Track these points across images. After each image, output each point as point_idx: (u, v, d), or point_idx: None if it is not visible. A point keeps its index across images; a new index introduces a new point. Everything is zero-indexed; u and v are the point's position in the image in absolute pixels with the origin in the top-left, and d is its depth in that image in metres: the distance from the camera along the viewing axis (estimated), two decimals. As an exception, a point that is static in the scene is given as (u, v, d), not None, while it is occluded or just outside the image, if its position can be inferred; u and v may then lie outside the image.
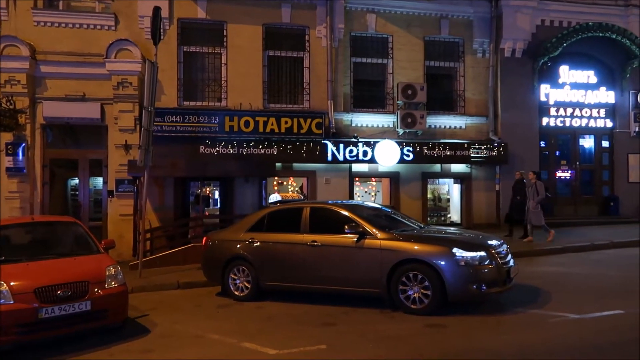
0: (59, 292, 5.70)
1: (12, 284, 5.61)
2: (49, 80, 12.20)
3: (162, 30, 11.32)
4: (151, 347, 5.70)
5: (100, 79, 12.24)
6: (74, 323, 5.81)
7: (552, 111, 15.31)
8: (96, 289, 5.96)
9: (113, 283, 6.16)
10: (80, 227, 7.29)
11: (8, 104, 11.69)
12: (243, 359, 5.20)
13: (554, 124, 15.32)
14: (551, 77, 15.24)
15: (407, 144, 13.84)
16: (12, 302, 5.50)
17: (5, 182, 11.93)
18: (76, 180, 13.35)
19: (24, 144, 11.99)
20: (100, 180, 12.93)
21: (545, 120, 15.24)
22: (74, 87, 12.24)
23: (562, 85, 15.30)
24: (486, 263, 6.39)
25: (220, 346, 5.62)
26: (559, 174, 15.61)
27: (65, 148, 12.74)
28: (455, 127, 14.66)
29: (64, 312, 5.68)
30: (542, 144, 15.37)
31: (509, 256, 6.87)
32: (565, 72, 15.33)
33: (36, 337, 5.67)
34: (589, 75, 15.48)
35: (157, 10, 10.08)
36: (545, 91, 15.19)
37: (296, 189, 15.80)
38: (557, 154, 15.70)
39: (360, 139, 13.63)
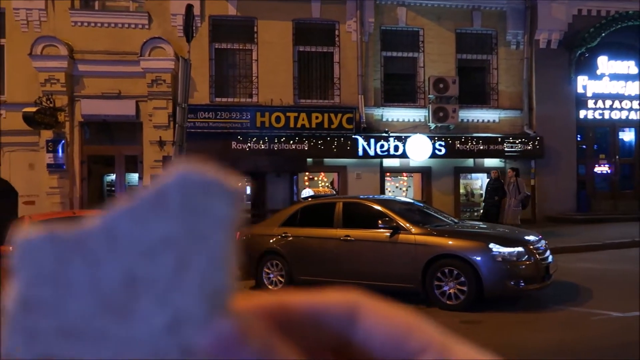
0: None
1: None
2: (86, 78, 12.54)
3: (194, 28, 11.49)
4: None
5: (135, 77, 12.50)
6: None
7: (590, 103, 14.85)
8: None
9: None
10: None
11: (48, 102, 12.07)
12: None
13: (592, 117, 14.86)
14: (589, 69, 14.78)
15: (439, 139, 13.67)
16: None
17: (47, 178, 12.34)
18: (111, 176, 13.70)
19: (63, 141, 12.36)
20: (135, 175, 13.23)
21: (582, 113, 14.80)
22: (109, 85, 12.55)
23: (600, 77, 14.82)
24: (524, 259, 6.27)
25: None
26: (598, 168, 15.16)
27: (102, 144, 13.09)
28: (488, 121, 14.40)
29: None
30: (579, 137, 14.94)
31: (548, 252, 6.72)
32: (604, 63, 14.83)
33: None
34: (629, 66, 14.95)
35: (189, 8, 10.23)
36: (582, 83, 14.75)
37: (327, 184, 15.81)
38: (595, 148, 15.25)
39: (391, 134, 13.53)
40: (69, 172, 12.44)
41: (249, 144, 12.87)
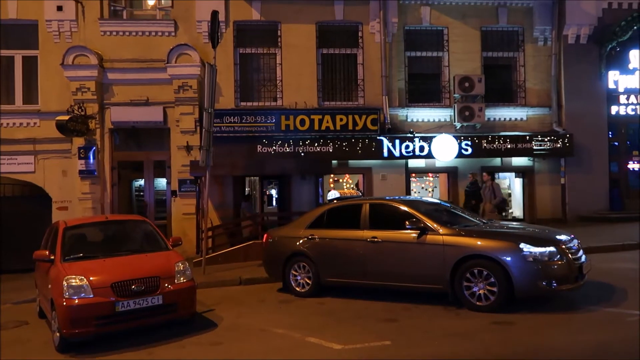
0: (133, 286, 6.00)
1: (91, 279, 5.97)
2: (115, 86, 12.86)
3: (219, 34, 11.64)
4: (219, 340, 5.90)
5: (162, 84, 12.76)
6: (147, 316, 6.10)
7: (622, 99, 14.44)
8: (166, 284, 6.23)
9: (182, 279, 6.42)
10: (149, 225, 7.64)
11: (80, 110, 12.43)
12: (310, 353, 5.28)
13: (624, 113, 14.45)
14: (620, 63, 14.38)
15: (465, 138, 13.51)
16: (91, 295, 5.85)
17: (79, 183, 12.70)
18: (140, 181, 13.99)
19: (94, 148, 12.70)
20: (162, 180, 13.48)
21: (614, 109, 14.40)
22: (138, 92, 12.83)
23: (632, 71, 14.40)
24: (556, 259, 6.14)
25: (285, 340, 5.73)
26: (630, 165, 14.71)
27: (131, 150, 13.38)
28: (515, 119, 14.16)
29: (138, 306, 5.98)
30: (611, 134, 14.54)
31: (581, 252, 6.57)
32: (636, 57, 14.41)
33: (113, 329, 6.00)
34: (662, 59, 14.48)
35: (215, 14, 10.37)
36: (613, 78, 14.36)
37: (352, 185, 15.81)
38: (628, 144, 14.81)
39: (416, 134, 13.44)
40: (100, 177, 12.76)
41: (274, 147, 12.97)
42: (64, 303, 5.78)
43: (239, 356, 5.36)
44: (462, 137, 13.51)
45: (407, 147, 13.33)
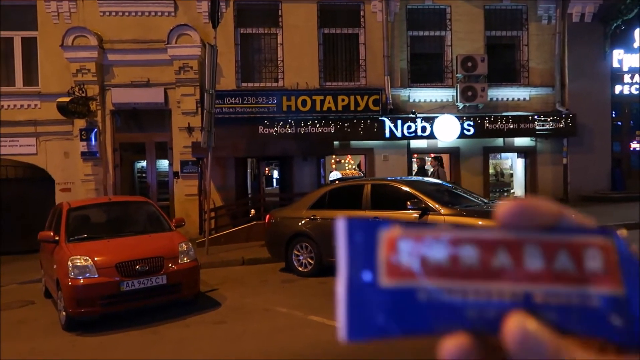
0: (137, 266, 6.07)
1: (95, 259, 6.03)
2: (115, 67, 12.78)
3: (219, 14, 11.52)
4: (223, 319, 5.98)
5: (163, 65, 12.67)
6: (151, 296, 6.18)
7: (626, 78, 14.32)
8: (170, 264, 6.30)
9: (185, 259, 6.48)
10: (152, 207, 7.68)
11: (80, 92, 12.38)
12: (312, 331, 5.35)
13: (627, 92, 14.34)
14: (625, 42, 14.22)
15: (468, 118, 13.45)
16: (96, 275, 5.92)
17: (81, 165, 12.72)
18: (142, 163, 14.00)
19: (96, 130, 12.68)
20: (165, 162, 13.49)
21: (618, 89, 14.29)
22: (138, 73, 12.76)
23: (637, 50, 14.24)
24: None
25: (288, 319, 5.81)
26: (634, 145, 14.67)
27: (133, 132, 13.36)
28: (518, 99, 14.08)
29: (142, 286, 6.06)
30: (614, 113, 14.46)
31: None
32: (641, 36, 14.25)
33: (118, 309, 6.09)
34: (668, 38, 14.32)
35: (215, -7, 10.25)
36: (618, 57, 14.22)
37: (354, 166, 15.81)
38: (632, 124, 14.73)
39: (418, 115, 13.38)
40: (102, 159, 12.78)
41: (275, 128, 12.94)
42: (70, 283, 5.85)
43: (242, 335, 5.44)
44: (464, 118, 13.45)
45: (409, 127, 13.29)
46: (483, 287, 0.33)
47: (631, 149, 14.66)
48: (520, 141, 14.08)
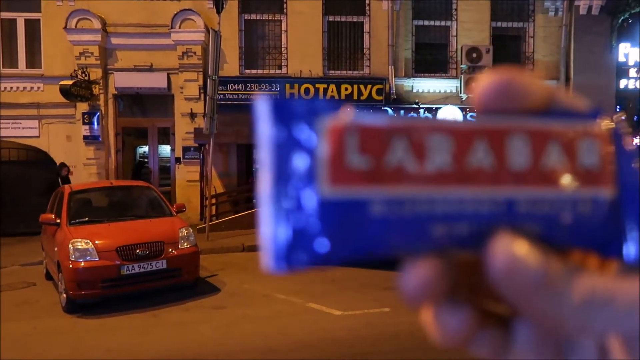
0: (137, 250, 6.10)
1: (96, 242, 6.07)
2: (119, 51, 12.73)
3: (224, -1, 11.45)
4: (223, 304, 6.03)
5: (166, 49, 12.61)
6: (151, 280, 6.23)
7: (632, 72, 14.21)
8: (170, 249, 6.33)
9: (186, 244, 6.51)
10: (153, 192, 7.70)
11: (83, 75, 12.34)
12: (311, 318, 5.39)
13: (633, 87, 14.25)
14: (632, 35, 14.09)
15: (471, 110, 13.35)
16: (97, 259, 5.96)
17: (83, 149, 12.73)
18: (144, 148, 14.01)
19: (98, 113, 12.67)
20: (167, 147, 13.49)
21: (623, 83, 14.20)
22: (142, 57, 12.71)
23: (644, 44, 14.14)
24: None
25: (287, 305, 5.85)
26: (637, 140, 14.61)
27: (135, 117, 13.35)
28: (522, 92, 14.00)
29: (142, 270, 6.10)
30: (619, 108, 14.38)
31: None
32: (649, 30, 14.13)
33: (118, 292, 6.14)
34: (675, 32, 14.19)
35: (219, -22, 10.17)
36: (624, 51, 14.10)
37: (355, 156, 15.78)
38: (635, 119, 14.66)
39: (421, 105, 13.33)
40: (104, 143, 12.78)
41: (278, 116, 12.88)
42: (71, 265, 5.89)
43: (241, 320, 5.48)
44: (468, 109, 13.39)
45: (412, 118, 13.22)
46: (455, 194, 0.26)
47: (636, 145, 14.57)
48: (524, 134, 14.03)
